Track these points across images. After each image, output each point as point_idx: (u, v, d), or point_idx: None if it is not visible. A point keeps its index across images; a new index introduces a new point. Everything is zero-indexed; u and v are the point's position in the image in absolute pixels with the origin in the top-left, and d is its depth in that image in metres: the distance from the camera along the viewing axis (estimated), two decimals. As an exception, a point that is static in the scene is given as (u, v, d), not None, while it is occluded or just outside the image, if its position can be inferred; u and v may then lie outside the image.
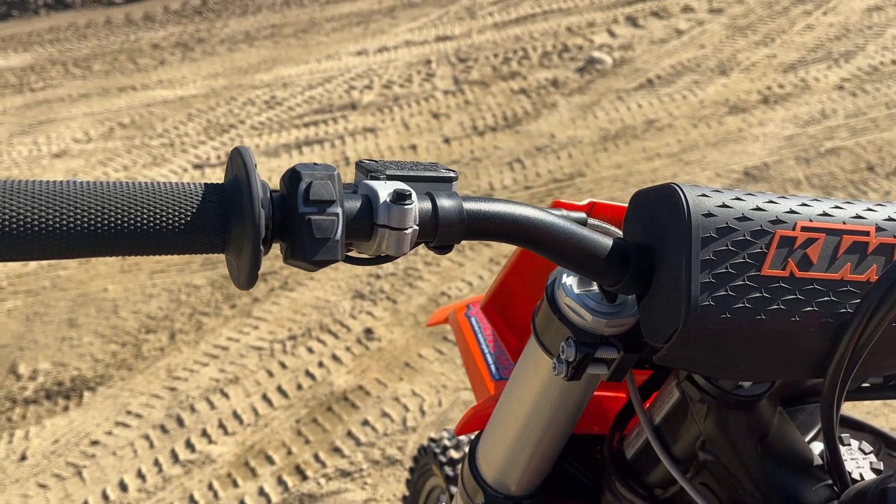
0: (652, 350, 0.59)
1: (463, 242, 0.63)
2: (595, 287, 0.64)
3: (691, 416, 0.67)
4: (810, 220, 0.56)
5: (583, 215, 0.66)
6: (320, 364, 2.60)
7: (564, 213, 0.65)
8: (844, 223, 0.56)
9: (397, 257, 0.52)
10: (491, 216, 0.53)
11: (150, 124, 4.70)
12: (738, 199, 0.56)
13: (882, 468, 0.66)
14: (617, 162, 3.67)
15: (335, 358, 2.62)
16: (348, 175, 3.62)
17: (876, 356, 0.57)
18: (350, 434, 2.31)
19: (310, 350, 2.67)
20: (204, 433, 2.38)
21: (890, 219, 0.57)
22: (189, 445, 2.34)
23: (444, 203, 0.52)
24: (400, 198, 0.50)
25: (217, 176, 4.03)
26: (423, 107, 4.45)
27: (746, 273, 0.54)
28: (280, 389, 2.52)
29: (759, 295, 0.54)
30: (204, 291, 3.06)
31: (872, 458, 0.67)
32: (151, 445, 2.36)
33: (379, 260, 0.53)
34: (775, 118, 3.87)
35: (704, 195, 0.55)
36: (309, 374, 2.56)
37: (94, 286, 3.19)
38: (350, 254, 0.53)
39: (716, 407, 0.65)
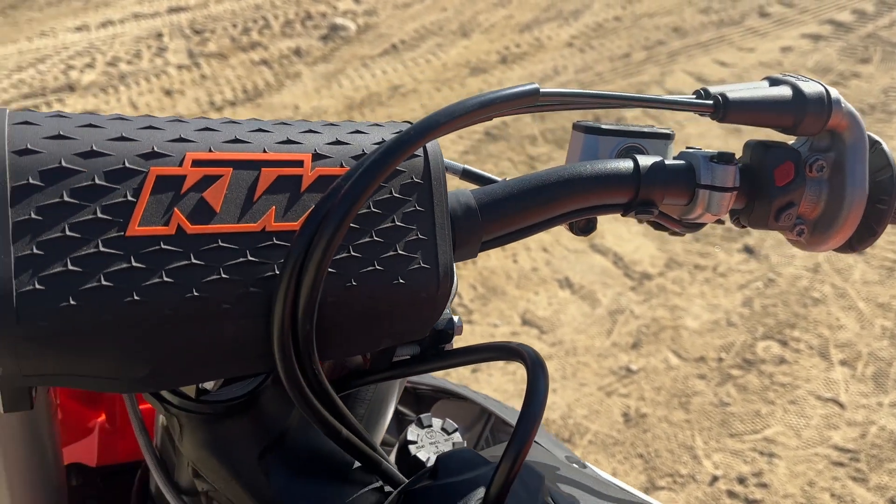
0: None
1: None
2: None
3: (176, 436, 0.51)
4: (210, 151, 0.39)
5: None
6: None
7: None
8: (265, 151, 0.40)
9: None
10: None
11: None
12: (91, 125, 0.38)
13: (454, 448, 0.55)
14: (363, 130, 3.56)
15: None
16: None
17: (342, 329, 0.42)
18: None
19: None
20: None
21: (336, 142, 0.43)
22: None
23: None
24: None
25: None
26: (154, 84, 4.05)
27: (102, 236, 0.36)
28: None
29: (125, 267, 0.36)
30: None
31: (456, 437, 0.57)
32: None
33: None
34: (513, 77, 3.96)
35: (28, 122, 0.36)
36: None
37: None
38: None
39: (188, 421, 0.49)
